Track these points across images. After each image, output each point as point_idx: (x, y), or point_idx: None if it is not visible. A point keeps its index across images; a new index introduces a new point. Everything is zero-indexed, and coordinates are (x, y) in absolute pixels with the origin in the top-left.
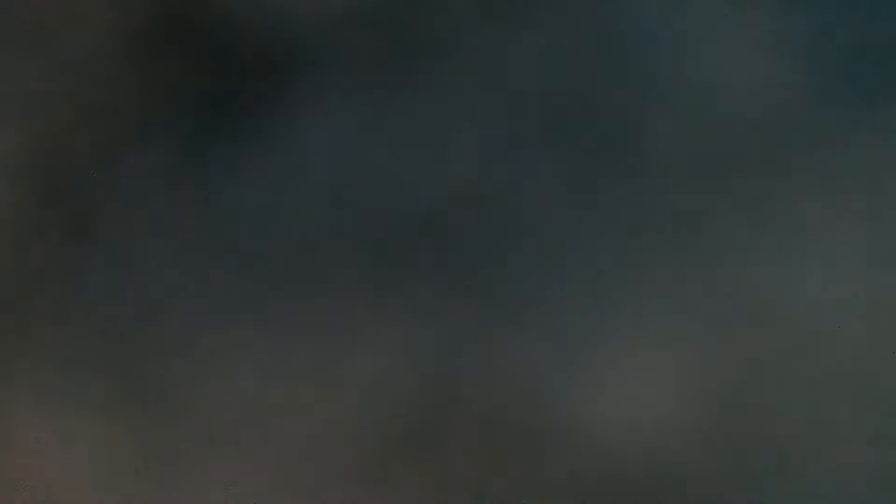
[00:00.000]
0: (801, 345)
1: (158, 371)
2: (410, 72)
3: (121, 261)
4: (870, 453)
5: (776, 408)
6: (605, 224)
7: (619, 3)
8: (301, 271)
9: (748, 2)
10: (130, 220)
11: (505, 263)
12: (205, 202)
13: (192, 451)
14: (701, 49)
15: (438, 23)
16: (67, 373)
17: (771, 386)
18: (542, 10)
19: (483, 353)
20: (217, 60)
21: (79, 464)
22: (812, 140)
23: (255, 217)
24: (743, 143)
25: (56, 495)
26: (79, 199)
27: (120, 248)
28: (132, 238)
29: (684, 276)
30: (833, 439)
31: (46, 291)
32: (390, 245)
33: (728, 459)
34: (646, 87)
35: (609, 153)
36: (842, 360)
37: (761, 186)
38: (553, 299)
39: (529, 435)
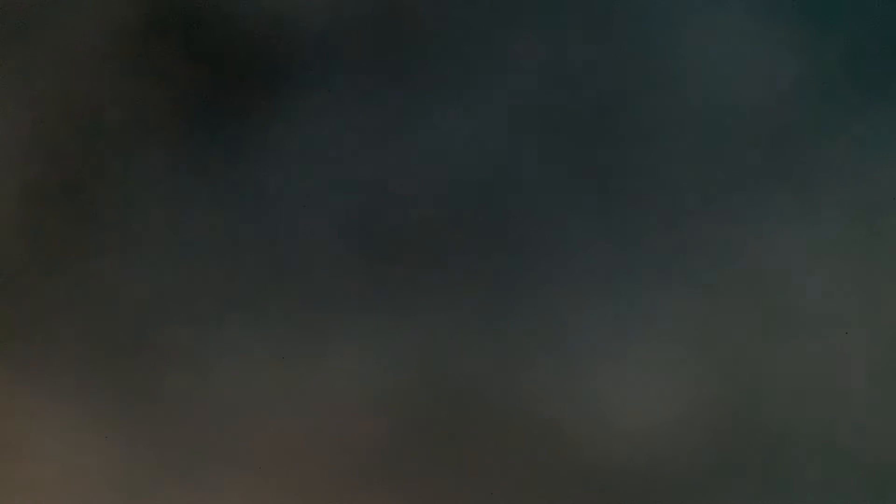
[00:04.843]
0: (802, 346)
1: (157, 374)
2: (410, 72)
3: (120, 263)
4: (871, 455)
5: (777, 411)
6: (607, 225)
7: (620, 1)
8: (300, 272)
9: None
10: (130, 221)
11: (505, 263)
12: (205, 203)
13: (189, 454)
14: (703, 48)
15: (438, 23)
16: (67, 375)
17: (773, 389)
18: (543, 9)
19: (483, 354)
20: (217, 61)
21: (77, 466)
22: (813, 141)
23: (255, 217)
24: (743, 145)
25: (55, 497)
26: (79, 200)
27: (120, 249)
28: (132, 239)
29: (686, 278)
30: (835, 441)
31: (46, 293)
32: (390, 245)
33: (729, 462)
34: (646, 87)
35: (611, 154)
36: (843, 363)
37: (762, 187)
38: (553, 300)
39: (529, 436)
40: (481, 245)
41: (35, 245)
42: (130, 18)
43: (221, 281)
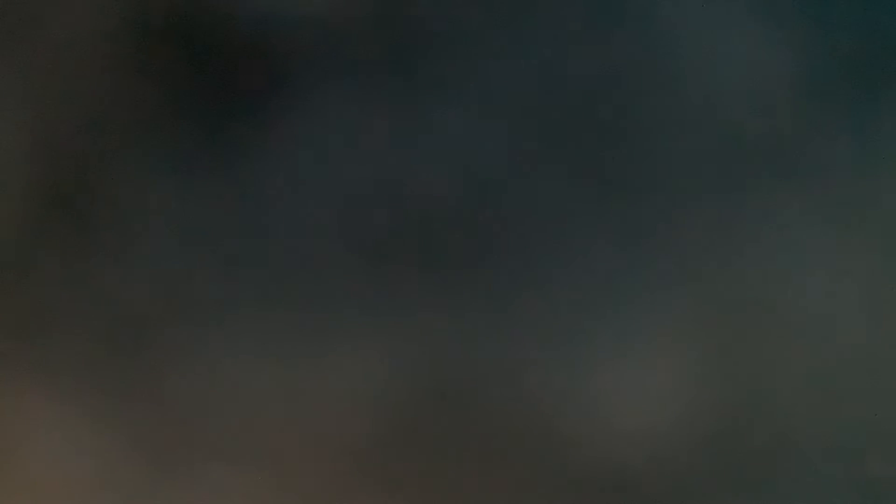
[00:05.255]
0: (801, 349)
1: (157, 374)
2: (410, 72)
3: (120, 265)
4: (871, 456)
5: (777, 411)
6: (607, 226)
7: (619, 1)
8: (299, 273)
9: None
10: (130, 221)
11: (505, 263)
12: (205, 203)
13: (189, 454)
14: (703, 48)
15: (438, 23)
16: (67, 375)
17: (773, 390)
18: (543, 9)
19: (483, 354)
20: (217, 61)
21: (76, 466)
22: (813, 141)
23: (255, 218)
24: (744, 145)
25: (55, 497)
26: (79, 200)
27: (120, 249)
28: (132, 239)
29: (686, 278)
30: (834, 442)
31: (46, 293)
32: (389, 245)
33: (729, 462)
34: (645, 87)
35: (610, 154)
36: (843, 363)
37: (762, 187)
38: (553, 300)
39: (529, 436)
40: (481, 245)
41: (35, 245)
42: (130, 18)
43: (221, 281)
